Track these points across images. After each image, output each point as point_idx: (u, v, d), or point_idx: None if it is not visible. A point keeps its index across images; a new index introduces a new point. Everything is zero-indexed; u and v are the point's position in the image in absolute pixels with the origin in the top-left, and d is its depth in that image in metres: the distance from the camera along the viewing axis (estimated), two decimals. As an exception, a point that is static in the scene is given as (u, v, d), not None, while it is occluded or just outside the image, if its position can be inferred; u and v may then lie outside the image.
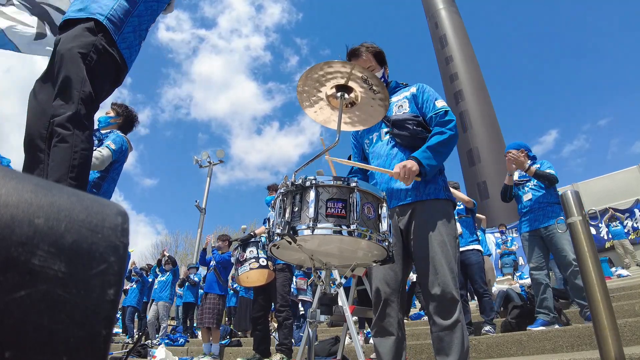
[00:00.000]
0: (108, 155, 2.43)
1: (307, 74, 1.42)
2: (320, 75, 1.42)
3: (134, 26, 1.81)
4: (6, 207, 0.26)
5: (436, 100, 1.78)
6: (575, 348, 2.84)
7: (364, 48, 1.85)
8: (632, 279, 7.15)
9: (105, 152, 2.41)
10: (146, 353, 5.89)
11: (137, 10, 1.82)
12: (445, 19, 29.46)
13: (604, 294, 1.58)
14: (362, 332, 4.97)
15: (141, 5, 1.84)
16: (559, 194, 2.91)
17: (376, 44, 1.89)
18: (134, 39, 1.83)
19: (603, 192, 12.38)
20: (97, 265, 0.29)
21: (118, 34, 1.73)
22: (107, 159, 2.43)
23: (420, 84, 1.87)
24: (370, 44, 1.88)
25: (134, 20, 1.81)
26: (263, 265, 3.95)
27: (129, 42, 1.80)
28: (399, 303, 1.66)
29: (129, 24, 1.78)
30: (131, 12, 1.80)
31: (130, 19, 1.79)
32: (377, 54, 1.86)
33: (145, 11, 1.86)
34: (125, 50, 1.78)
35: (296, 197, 1.18)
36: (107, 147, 2.45)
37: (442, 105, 1.76)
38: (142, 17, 1.85)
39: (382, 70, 1.88)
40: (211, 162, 14.92)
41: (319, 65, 1.39)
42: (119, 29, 1.74)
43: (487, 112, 25.90)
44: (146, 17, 1.89)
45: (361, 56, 1.84)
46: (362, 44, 1.87)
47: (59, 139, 1.51)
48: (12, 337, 0.25)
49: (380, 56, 1.87)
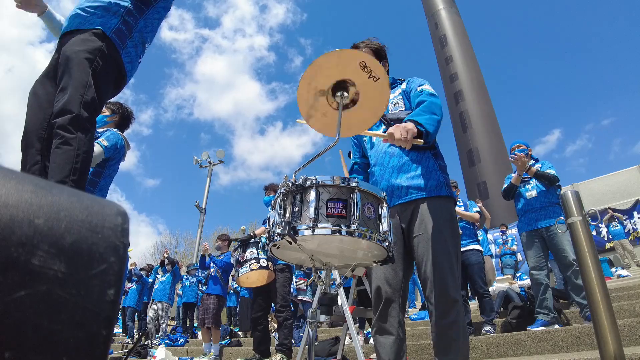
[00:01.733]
0: (99, 152, 2.42)
1: (300, 91, 1.39)
2: (314, 82, 1.41)
3: (135, 42, 1.87)
4: (6, 207, 0.26)
5: (420, 85, 1.77)
6: (575, 348, 2.84)
7: (364, 44, 1.88)
8: (632, 279, 7.15)
9: (96, 148, 2.40)
10: (146, 353, 5.89)
11: (139, 26, 1.88)
12: (445, 19, 29.45)
13: (604, 294, 1.58)
14: (362, 332, 4.97)
15: (141, 22, 1.89)
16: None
17: (376, 40, 1.92)
18: (135, 55, 1.89)
19: (603, 193, 12.38)
20: (97, 265, 0.29)
21: (122, 48, 1.79)
22: (99, 156, 2.42)
23: (410, 78, 1.88)
24: (371, 41, 1.90)
25: (135, 35, 1.87)
26: (263, 266, 3.95)
27: (131, 57, 1.86)
28: (399, 303, 1.65)
29: (131, 39, 1.84)
30: (134, 27, 1.85)
31: (134, 34, 1.85)
32: (377, 49, 1.88)
33: (145, 27, 1.92)
34: (128, 65, 1.84)
35: (296, 197, 1.18)
36: (99, 143, 2.44)
37: (423, 88, 1.74)
38: (143, 33, 1.91)
39: (382, 64, 1.89)
40: (211, 162, 14.93)
41: (307, 72, 1.35)
42: (123, 43, 1.80)
43: (487, 112, 25.88)
44: (147, 33, 1.95)
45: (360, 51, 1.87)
46: (364, 41, 1.90)
47: (62, 141, 1.53)
48: (12, 337, 0.25)
49: (379, 52, 1.89)
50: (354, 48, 1.88)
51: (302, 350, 2.33)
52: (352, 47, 1.90)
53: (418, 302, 8.56)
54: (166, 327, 7.86)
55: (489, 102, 26.38)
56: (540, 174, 3.63)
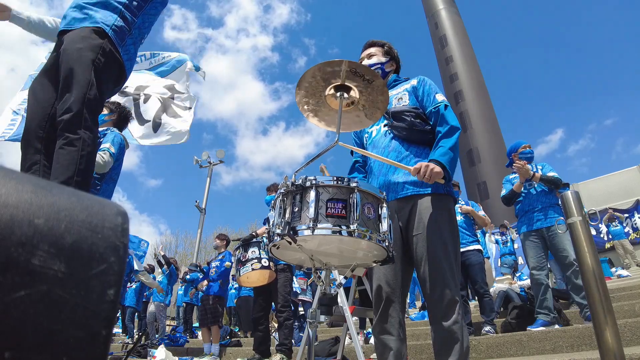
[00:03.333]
0: (110, 161, 2.44)
1: (299, 85, 1.43)
2: (313, 81, 1.42)
3: (134, 38, 1.87)
4: (6, 207, 0.26)
5: (436, 94, 1.77)
6: (575, 348, 2.84)
7: (377, 42, 1.99)
8: (632, 279, 7.15)
9: (107, 156, 2.41)
10: (146, 353, 5.89)
11: (137, 22, 1.87)
12: (445, 19, 29.45)
13: (604, 294, 1.58)
14: (362, 332, 4.97)
15: (139, 18, 1.88)
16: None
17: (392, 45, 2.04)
18: (134, 51, 1.88)
19: (603, 193, 12.38)
20: (97, 265, 0.29)
21: (121, 45, 1.78)
22: (110, 163, 2.44)
23: (421, 76, 1.87)
24: (386, 42, 2.01)
25: (135, 32, 1.86)
26: (265, 266, 3.95)
27: (130, 54, 1.85)
28: (399, 303, 1.65)
29: (130, 36, 1.83)
30: (132, 24, 1.84)
31: (133, 31, 1.85)
32: (388, 48, 1.98)
33: (143, 24, 1.92)
34: (127, 62, 1.83)
35: (296, 197, 1.18)
36: (108, 150, 2.45)
37: (442, 99, 1.75)
38: (141, 30, 1.91)
39: (384, 59, 1.95)
40: (211, 162, 14.92)
41: (309, 72, 1.38)
42: (122, 40, 1.79)
43: (487, 112, 25.89)
44: (144, 30, 1.95)
45: (370, 47, 1.98)
46: (380, 40, 2.01)
47: (66, 142, 1.52)
48: (12, 337, 0.25)
49: (389, 51, 1.98)
50: (368, 44, 2.00)
51: (302, 350, 2.33)
52: (366, 44, 2.00)
53: (418, 302, 8.56)
54: (164, 328, 7.80)
55: (489, 102, 26.38)
56: (545, 179, 3.62)
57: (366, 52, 1.97)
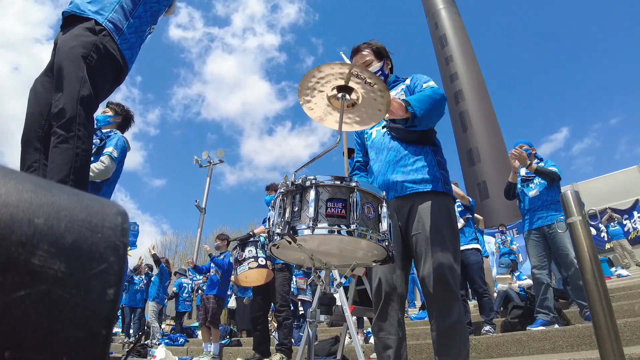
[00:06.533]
0: (112, 166, 2.43)
1: (302, 85, 1.43)
2: (315, 82, 1.42)
3: (135, 27, 1.83)
4: (6, 207, 0.26)
5: (425, 82, 1.77)
6: (575, 348, 2.84)
7: (365, 45, 1.91)
8: (632, 279, 7.15)
9: (107, 161, 2.40)
10: (146, 353, 5.89)
11: (137, 11, 1.84)
12: (445, 19, 29.43)
13: (604, 294, 1.58)
14: (361, 331, 4.97)
15: (140, 7, 1.85)
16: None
17: (379, 42, 1.95)
18: (135, 40, 1.84)
19: (603, 192, 12.39)
20: (97, 265, 0.29)
21: (119, 34, 1.74)
22: (112, 169, 2.43)
23: (414, 74, 1.88)
24: (373, 42, 1.93)
25: (135, 21, 1.82)
26: (262, 265, 3.95)
27: (130, 43, 1.81)
28: (399, 302, 1.65)
29: (129, 26, 1.79)
30: (131, 13, 1.80)
31: (131, 20, 1.80)
32: (377, 49, 1.91)
33: (145, 13, 1.88)
34: (127, 51, 1.79)
35: (296, 196, 1.18)
36: (110, 155, 2.44)
37: (428, 85, 1.73)
38: (142, 19, 1.87)
39: (381, 63, 1.90)
40: (211, 162, 14.92)
41: (310, 72, 1.39)
42: (120, 30, 1.75)
43: (487, 112, 25.86)
44: (146, 19, 1.90)
45: (361, 52, 1.91)
46: (366, 42, 1.93)
47: (60, 140, 1.50)
48: (12, 337, 0.25)
49: (380, 51, 1.91)
50: (355, 49, 1.92)
51: (302, 350, 2.33)
52: (353, 48, 1.93)
53: (418, 302, 8.56)
54: (157, 328, 7.69)
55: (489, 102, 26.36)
56: (540, 170, 3.64)
57: (360, 61, 1.89)
